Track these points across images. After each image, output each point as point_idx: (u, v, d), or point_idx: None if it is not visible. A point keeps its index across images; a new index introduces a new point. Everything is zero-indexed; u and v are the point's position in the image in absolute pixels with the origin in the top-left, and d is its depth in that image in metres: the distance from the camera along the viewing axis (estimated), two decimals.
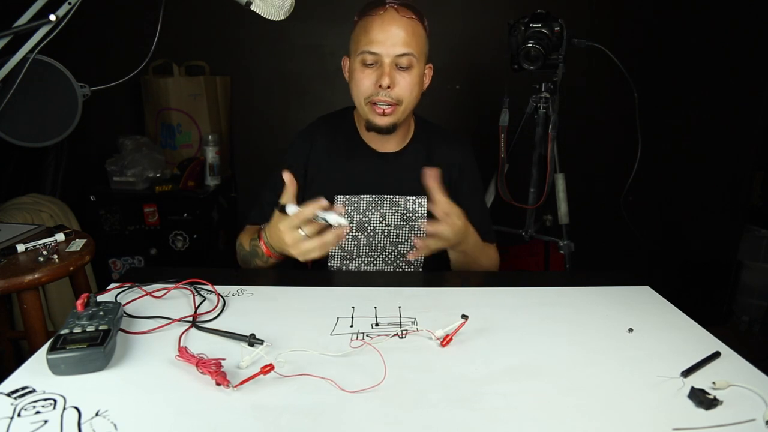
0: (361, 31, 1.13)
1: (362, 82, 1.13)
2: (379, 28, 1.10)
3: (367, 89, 1.13)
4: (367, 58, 1.11)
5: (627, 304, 0.97)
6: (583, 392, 0.69)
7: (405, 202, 1.23)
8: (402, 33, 1.10)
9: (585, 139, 2.46)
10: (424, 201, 1.23)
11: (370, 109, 1.15)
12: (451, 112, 2.55)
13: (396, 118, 1.15)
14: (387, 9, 1.11)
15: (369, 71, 1.13)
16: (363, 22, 1.13)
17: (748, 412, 0.65)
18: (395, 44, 1.09)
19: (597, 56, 1.68)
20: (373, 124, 1.16)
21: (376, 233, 1.23)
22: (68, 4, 0.87)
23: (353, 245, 1.23)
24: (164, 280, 0.99)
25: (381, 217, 1.23)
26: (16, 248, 1.25)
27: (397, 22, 1.10)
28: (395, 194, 1.23)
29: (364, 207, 1.22)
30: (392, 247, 1.24)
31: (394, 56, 1.10)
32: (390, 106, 1.13)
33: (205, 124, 2.31)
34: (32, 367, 0.71)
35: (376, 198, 1.23)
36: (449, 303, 0.96)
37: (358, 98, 1.16)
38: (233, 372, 0.71)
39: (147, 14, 1.35)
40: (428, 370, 0.74)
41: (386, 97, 1.12)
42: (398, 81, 1.12)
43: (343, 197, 1.22)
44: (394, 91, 1.12)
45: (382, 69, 1.11)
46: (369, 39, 1.10)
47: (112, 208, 2.16)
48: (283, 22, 1.03)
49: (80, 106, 0.95)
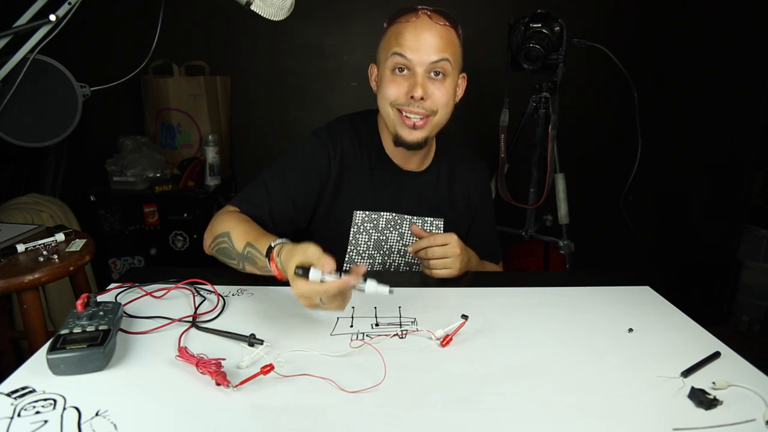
0: (391, 37, 1.05)
1: (391, 88, 1.05)
2: (412, 34, 1.02)
3: (397, 97, 1.05)
4: (398, 61, 1.03)
5: (627, 304, 0.97)
6: (583, 392, 0.69)
7: (423, 223, 1.20)
8: (436, 40, 1.02)
9: (585, 140, 2.46)
10: (441, 223, 1.21)
11: (399, 120, 1.06)
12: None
13: (428, 131, 1.08)
14: (420, 15, 1.04)
15: (400, 79, 1.05)
16: (394, 29, 1.05)
17: (748, 412, 0.65)
18: (429, 52, 1.02)
19: (597, 56, 1.68)
20: (402, 139, 1.08)
21: (392, 252, 1.19)
22: (68, 4, 0.87)
23: (368, 263, 1.18)
24: (164, 280, 0.99)
25: (399, 237, 1.19)
26: (16, 248, 1.25)
27: (430, 29, 1.03)
28: (414, 214, 1.20)
29: (383, 225, 1.18)
30: (407, 267, 1.21)
31: (428, 64, 1.02)
32: (422, 119, 1.05)
33: (205, 124, 2.31)
34: (32, 367, 0.71)
35: (396, 216, 1.18)
36: (449, 303, 0.96)
37: (384, 106, 1.08)
38: (233, 372, 0.71)
39: (147, 14, 1.35)
40: (428, 370, 0.74)
41: (419, 108, 1.04)
42: (432, 92, 1.04)
43: (362, 213, 1.16)
44: (427, 102, 1.04)
45: (414, 78, 1.03)
46: (400, 44, 1.03)
47: (112, 208, 2.16)
48: (283, 22, 1.03)
49: (80, 106, 0.95)
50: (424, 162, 1.22)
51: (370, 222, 1.17)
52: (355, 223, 1.16)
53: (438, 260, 1.04)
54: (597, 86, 2.39)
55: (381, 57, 1.10)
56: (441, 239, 1.04)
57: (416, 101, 1.03)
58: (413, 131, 1.06)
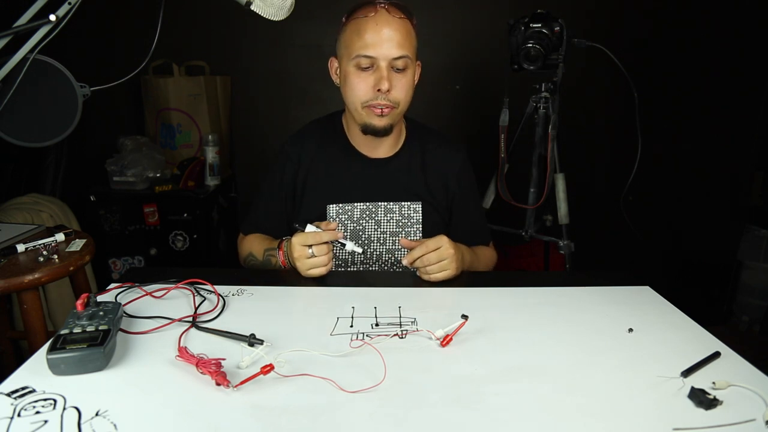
0: (353, 34, 1.09)
1: (359, 87, 1.11)
2: (373, 30, 1.07)
3: (366, 94, 1.11)
4: (362, 62, 1.09)
5: (627, 304, 0.97)
6: (583, 392, 0.69)
7: (399, 208, 1.22)
8: (396, 35, 1.07)
9: (585, 139, 2.46)
10: (419, 206, 1.22)
11: (368, 112, 1.12)
12: (451, 112, 2.55)
13: (392, 119, 1.14)
14: (378, 9, 1.08)
15: (365, 75, 1.10)
16: (354, 25, 1.10)
17: (748, 412, 0.65)
18: (391, 47, 1.07)
19: (597, 56, 1.68)
20: (372, 126, 1.13)
21: (371, 241, 1.22)
22: (68, 4, 0.87)
23: (347, 254, 1.22)
24: (164, 280, 0.99)
25: (376, 225, 1.21)
26: (16, 248, 1.25)
27: (390, 24, 1.07)
28: (389, 201, 1.22)
29: (357, 215, 1.21)
30: (388, 254, 1.23)
31: (390, 59, 1.08)
32: (387, 108, 1.11)
33: (205, 124, 2.31)
34: (32, 367, 0.71)
35: (370, 205, 1.21)
36: (449, 303, 0.97)
37: (354, 103, 1.13)
38: (233, 372, 0.71)
39: (147, 14, 1.35)
40: (428, 370, 0.74)
41: (384, 100, 1.10)
42: (395, 84, 1.10)
43: (335, 206, 1.21)
44: (392, 94, 1.10)
45: (379, 73, 1.08)
46: (363, 43, 1.07)
47: (112, 208, 2.16)
48: (283, 22, 1.03)
49: (80, 106, 0.95)
50: (393, 148, 1.25)
51: (345, 213, 1.21)
52: (330, 217, 1.20)
53: (434, 265, 1.04)
54: (597, 86, 2.39)
55: (343, 53, 1.13)
56: (433, 244, 1.04)
57: (383, 93, 1.09)
58: (381, 118, 1.12)
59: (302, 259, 1.03)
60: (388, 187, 1.22)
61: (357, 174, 1.22)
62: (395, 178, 1.22)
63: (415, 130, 1.28)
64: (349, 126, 1.23)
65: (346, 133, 1.25)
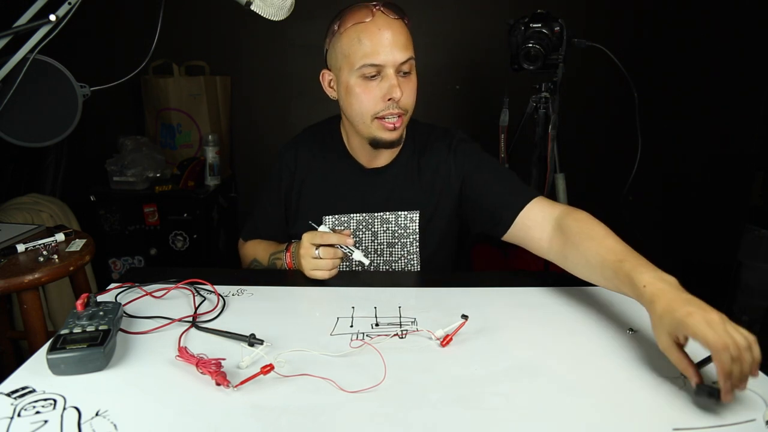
0: (352, 42, 1.01)
1: (367, 99, 1.03)
2: (376, 36, 0.99)
3: (376, 105, 1.03)
4: (369, 71, 1.01)
5: (627, 304, 0.97)
6: (583, 392, 0.69)
7: (396, 218, 1.17)
8: (399, 37, 1.00)
9: (585, 139, 2.46)
10: (416, 216, 1.16)
11: (379, 125, 1.05)
12: (451, 112, 2.55)
13: (403, 129, 1.09)
14: (374, 12, 1.00)
15: (372, 85, 1.02)
16: (353, 32, 1.01)
17: (748, 412, 0.65)
18: (396, 51, 1.00)
19: (597, 56, 1.68)
20: (383, 140, 1.06)
21: (368, 252, 1.18)
22: (68, 4, 0.87)
23: (356, 264, 1.18)
24: (164, 280, 0.99)
25: (372, 236, 1.18)
26: (16, 248, 1.25)
27: (390, 27, 1.00)
28: (385, 211, 1.17)
29: (354, 226, 1.17)
30: (386, 266, 1.20)
31: (397, 64, 1.01)
32: (399, 118, 1.05)
33: (205, 124, 2.31)
34: (32, 367, 0.71)
35: (366, 216, 1.17)
36: (449, 303, 0.96)
37: (361, 116, 1.05)
38: (233, 372, 0.71)
39: (147, 14, 1.35)
40: (428, 370, 0.74)
41: (396, 109, 1.03)
42: (404, 89, 1.02)
43: (331, 217, 1.17)
44: (402, 101, 1.03)
45: (387, 80, 1.01)
46: (367, 50, 0.99)
47: (112, 208, 2.16)
48: (283, 22, 1.03)
49: (80, 106, 0.95)
50: (390, 156, 1.18)
51: (341, 225, 1.18)
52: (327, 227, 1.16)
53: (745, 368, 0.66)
54: (597, 86, 2.39)
55: (342, 64, 1.04)
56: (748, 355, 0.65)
57: (394, 102, 1.02)
58: (393, 132, 1.06)
59: (308, 258, 1.03)
60: (383, 197, 1.17)
61: (353, 184, 1.18)
62: (391, 187, 1.17)
63: (411, 133, 1.21)
64: (349, 136, 1.17)
65: (345, 142, 1.19)
